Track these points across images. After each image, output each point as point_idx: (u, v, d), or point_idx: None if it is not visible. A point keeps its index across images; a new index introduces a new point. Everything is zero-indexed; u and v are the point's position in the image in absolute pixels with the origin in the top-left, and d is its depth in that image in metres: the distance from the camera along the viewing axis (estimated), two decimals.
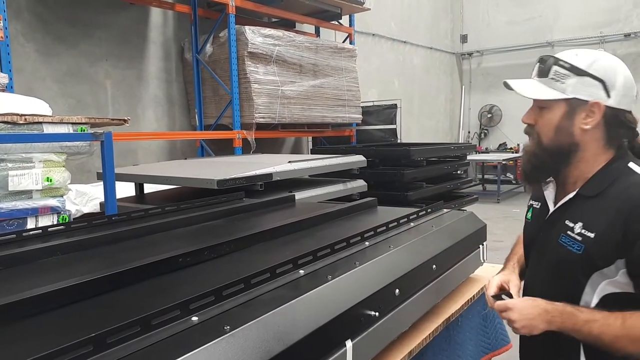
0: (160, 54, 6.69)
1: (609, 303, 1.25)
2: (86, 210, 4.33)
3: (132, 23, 6.34)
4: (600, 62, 1.29)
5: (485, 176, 12.56)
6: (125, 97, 6.32)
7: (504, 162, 11.53)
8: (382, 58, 10.86)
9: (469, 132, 14.45)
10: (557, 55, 1.36)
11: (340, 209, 2.02)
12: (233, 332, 0.88)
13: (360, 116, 8.07)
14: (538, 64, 1.42)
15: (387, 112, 8.72)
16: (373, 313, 1.20)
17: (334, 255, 1.35)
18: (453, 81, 14.16)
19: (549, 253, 1.38)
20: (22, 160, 2.44)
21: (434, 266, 1.55)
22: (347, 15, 8.40)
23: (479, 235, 1.97)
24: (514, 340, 2.24)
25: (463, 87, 14.49)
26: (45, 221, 2.53)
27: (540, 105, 1.36)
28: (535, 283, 1.44)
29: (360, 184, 4.49)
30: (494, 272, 2.13)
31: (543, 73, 1.37)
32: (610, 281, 1.26)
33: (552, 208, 1.41)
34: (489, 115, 13.95)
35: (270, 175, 3.49)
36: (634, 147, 1.36)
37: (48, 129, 2.48)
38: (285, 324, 0.97)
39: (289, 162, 3.82)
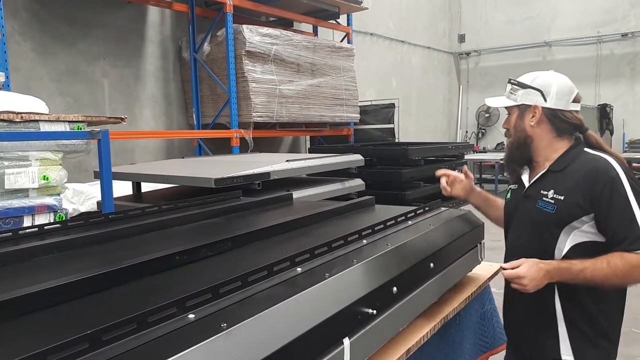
0: (158, 52, 6.68)
1: (578, 250, 1.64)
2: (83, 209, 4.32)
3: (129, 22, 6.33)
4: (539, 78, 1.82)
5: (483, 175, 12.57)
6: (123, 95, 6.30)
7: (501, 162, 11.54)
8: (380, 57, 10.86)
9: (466, 132, 14.46)
10: (513, 78, 1.89)
11: (338, 207, 2.01)
12: (230, 329, 0.87)
13: (358, 115, 8.07)
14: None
15: (385, 112, 8.72)
16: (371, 311, 1.20)
17: (331, 253, 1.35)
18: (451, 81, 14.17)
19: (529, 217, 1.76)
20: (19, 158, 2.42)
21: (432, 264, 1.55)
22: (345, 15, 8.40)
23: (476, 233, 1.96)
24: None
25: (461, 86, 14.50)
26: (42, 220, 2.52)
27: (507, 112, 1.88)
28: (518, 243, 1.82)
29: (358, 183, 4.49)
30: (491, 270, 2.14)
31: (506, 91, 1.89)
32: (579, 232, 1.64)
33: (527, 183, 1.83)
34: (487, 115, 13.96)
35: (267, 174, 3.48)
36: (588, 139, 1.79)
37: (45, 127, 2.47)
38: (283, 321, 0.96)
39: (287, 161, 3.81)
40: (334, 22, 8.24)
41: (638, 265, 1.52)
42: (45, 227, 1.70)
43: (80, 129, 2.59)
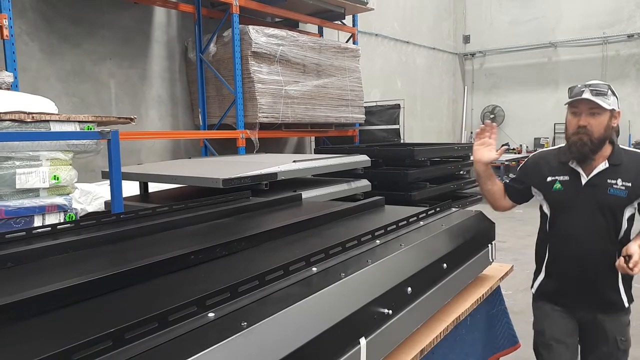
0: (164, 53, 6.69)
1: (630, 220, 2.12)
2: (90, 209, 4.33)
3: (135, 22, 6.34)
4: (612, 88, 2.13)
5: None
6: (129, 96, 6.32)
7: (506, 163, 11.53)
8: (385, 58, 10.86)
9: (471, 133, 14.43)
10: (608, 85, 2.13)
11: (349, 207, 2.01)
12: (250, 328, 0.87)
13: (363, 116, 8.07)
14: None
15: (390, 112, 8.71)
16: (386, 311, 1.20)
17: (345, 253, 1.35)
18: (456, 81, 14.15)
19: (600, 202, 2.09)
20: (30, 158, 2.44)
21: (445, 265, 1.55)
22: (351, 16, 8.40)
23: (487, 234, 1.96)
24: (522, 340, 2.24)
25: (466, 87, 14.48)
26: (52, 219, 2.53)
27: (592, 112, 2.08)
28: (585, 225, 2.12)
29: (364, 183, 4.49)
30: (502, 271, 2.14)
31: (601, 95, 2.09)
32: (631, 207, 2.11)
33: (586, 176, 2.13)
34: (492, 116, 13.93)
35: (275, 174, 3.49)
36: (614, 140, 2.20)
37: (55, 127, 2.48)
38: (301, 321, 0.97)
39: (294, 161, 3.82)
40: (340, 22, 8.24)
41: None
42: (58, 227, 1.70)
43: (91, 129, 2.60)
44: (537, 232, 2.33)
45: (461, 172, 7.00)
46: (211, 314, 0.91)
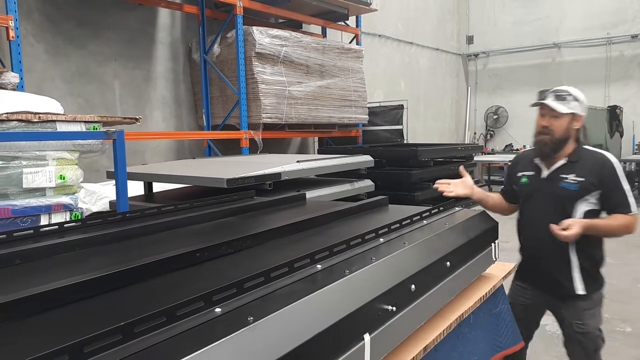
0: (168, 54, 6.72)
1: (587, 215, 2.33)
2: (95, 209, 4.36)
3: (140, 24, 6.38)
4: (578, 93, 2.39)
5: (492, 177, 12.54)
6: (133, 97, 6.35)
7: (510, 164, 11.52)
8: (388, 59, 10.87)
9: (474, 133, 14.43)
10: (568, 91, 2.38)
11: (353, 206, 2.02)
12: (256, 323, 0.89)
13: (367, 117, 8.07)
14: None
15: (394, 113, 8.71)
16: (390, 308, 1.21)
17: (349, 251, 1.36)
18: (459, 82, 14.15)
19: (552, 194, 2.38)
20: (36, 158, 2.46)
21: (448, 263, 1.56)
22: (354, 16, 8.41)
23: (491, 233, 1.97)
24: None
25: (469, 88, 14.48)
26: (58, 218, 2.56)
27: (553, 115, 2.36)
28: (542, 212, 2.40)
29: (367, 183, 4.50)
30: (505, 270, 2.15)
31: (560, 99, 2.36)
32: (587, 203, 2.34)
33: (547, 171, 2.43)
34: (495, 117, 13.93)
35: (279, 174, 3.50)
36: (579, 139, 2.44)
37: (61, 128, 2.51)
38: (307, 316, 0.98)
39: (298, 161, 3.83)
40: (343, 23, 8.26)
41: (628, 223, 2.31)
42: (65, 225, 1.72)
43: (96, 129, 2.62)
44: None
45: None
46: (218, 309, 0.92)
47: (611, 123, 11.56)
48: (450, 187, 2.56)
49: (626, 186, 2.33)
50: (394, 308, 1.22)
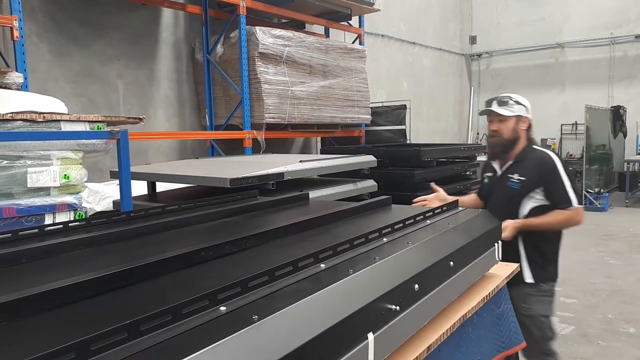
0: (171, 54, 6.74)
1: (533, 211, 2.57)
2: (99, 208, 4.37)
3: (143, 24, 6.39)
4: (520, 98, 2.65)
5: None
6: (137, 97, 6.37)
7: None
8: (391, 59, 10.87)
9: (477, 134, 14.41)
10: (511, 96, 2.68)
11: (356, 206, 2.03)
12: (261, 321, 0.89)
13: (370, 117, 8.08)
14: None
15: (396, 113, 8.71)
16: (394, 307, 1.21)
17: (353, 250, 1.37)
18: (462, 82, 14.14)
19: (503, 192, 2.64)
20: (41, 157, 2.47)
21: (452, 263, 1.56)
22: (357, 16, 8.41)
23: (494, 233, 1.97)
24: None
25: (472, 88, 14.46)
26: (62, 217, 2.57)
27: (499, 119, 2.64)
28: (496, 209, 2.47)
29: (370, 184, 4.50)
30: (508, 270, 2.15)
31: (503, 104, 2.64)
32: (533, 199, 2.57)
33: (499, 171, 2.70)
34: None
35: (282, 174, 3.51)
36: (532, 140, 2.69)
37: (66, 127, 2.52)
38: (310, 315, 0.98)
39: (300, 161, 3.83)
40: (346, 23, 8.26)
41: (568, 217, 2.53)
42: (70, 225, 1.73)
43: (100, 128, 2.63)
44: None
45: (467, 173, 6.98)
46: (223, 308, 0.93)
47: (615, 123, 11.54)
48: (426, 203, 2.82)
49: (567, 182, 2.51)
50: (398, 307, 1.22)
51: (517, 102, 2.62)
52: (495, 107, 2.63)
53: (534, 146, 2.66)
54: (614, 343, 3.90)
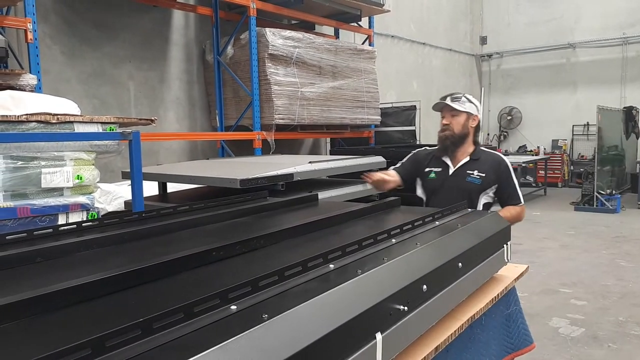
0: (182, 55, 6.79)
1: (485, 206, 2.71)
2: (110, 208, 4.42)
3: (154, 25, 6.45)
4: (472, 97, 2.79)
5: None
6: (148, 98, 6.43)
7: (523, 165, 11.45)
8: (401, 59, 10.86)
9: (488, 134, 14.35)
10: (463, 94, 2.81)
11: (365, 207, 2.04)
12: (271, 320, 0.91)
13: (379, 117, 8.08)
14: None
15: (406, 114, 8.71)
16: (402, 307, 1.22)
17: (361, 251, 1.38)
18: (472, 83, 14.09)
19: (459, 188, 2.69)
20: (54, 158, 2.51)
21: (460, 264, 1.57)
22: (367, 17, 8.42)
23: (503, 234, 1.97)
24: (538, 342, 2.25)
25: (482, 88, 14.40)
26: (75, 218, 2.60)
27: (452, 115, 2.75)
28: (449, 204, 2.40)
29: None
30: (517, 272, 2.15)
31: (457, 101, 2.75)
32: (486, 196, 2.73)
33: (453, 167, 2.77)
34: (509, 118, 13.84)
35: (291, 175, 3.53)
36: (479, 142, 2.86)
37: (79, 128, 2.56)
38: (320, 314, 1.00)
39: (310, 162, 3.85)
40: (356, 24, 8.27)
41: (519, 212, 2.74)
42: (83, 224, 1.76)
43: (112, 130, 2.66)
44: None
45: None
46: (233, 307, 0.95)
47: (627, 124, 11.43)
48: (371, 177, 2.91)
49: (516, 182, 2.77)
50: (406, 308, 1.23)
51: (469, 100, 2.76)
52: (448, 102, 2.74)
53: (482, 147, 2.86)
54: (625, 346, 3.88)
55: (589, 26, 12.57)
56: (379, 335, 1.14)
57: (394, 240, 1.52)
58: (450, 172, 2.78)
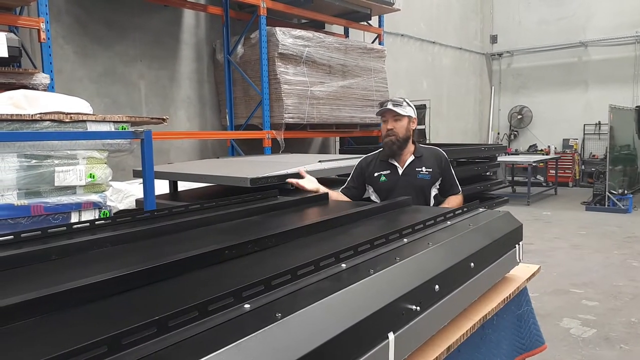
0: (193, 55, 6.82)
1: (436, 198, 2.90)
2: (122, 207, 4.45)
3: (165, 25, 6.48)
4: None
5: (515, 178, 12.39)
6: (159, 97, 6.46)
7: (534, 164, 11.36)
8: (410, 58, 10.83)
9: (498, 134, 14.27)
10: (404, 99, 2.93)
11: (375, 207, 2.04)
12: (284, 319, 0.91)
13: None
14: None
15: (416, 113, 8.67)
16: (414, 307, 1.22)
17: (373, 250, 1.38)
18: (482, 82, 14.01)
19: (414, 185, 2.84)
20: (67, 157, 2.53)
21: (472, 264, 1.56)
22: (377, 16, 8.40)
23: (515, 234, 1.97)
24: (549, 342, 2.23)
25: (493, 87, 14.32)
26: (88, 216, 2.63)
27: (395, 119, 2.85)
28: None
29: None
30: (529, 272, 2.14)
31: (399, 105, 2.85)
32: (435, 188, 2.89)
33: (401, 168, 2.90)
34: (519, 117, 13.75)
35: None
36: (417, 139, 3.01)
37: (91, 127, 2.58)
38: (332, 314, 1.00)
39: (319, 161, 3.85)
40: (366, 23, 8.26)
41: (460, 200, 2.92)
42: (96, 223, 1.78)
43: (125, 129, 2.68)
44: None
45: (488, 173, 6.93)
46: (247, 305, 0.95)
47: (639, 123, 11.31)
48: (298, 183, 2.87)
49: (453, 173, 2.97)
50: (418, 308, 1.23)
51: (408, 104, 2.89)
52: (391, 107, 2.82)
53: (421, 145, 3.04)
54: (637, 347, 3.84)
55: (601, 25, 12.45)
56: (391, 335, 1.14)
57: (405, 239, 1.52)
58: (400, 172, 2.90)
